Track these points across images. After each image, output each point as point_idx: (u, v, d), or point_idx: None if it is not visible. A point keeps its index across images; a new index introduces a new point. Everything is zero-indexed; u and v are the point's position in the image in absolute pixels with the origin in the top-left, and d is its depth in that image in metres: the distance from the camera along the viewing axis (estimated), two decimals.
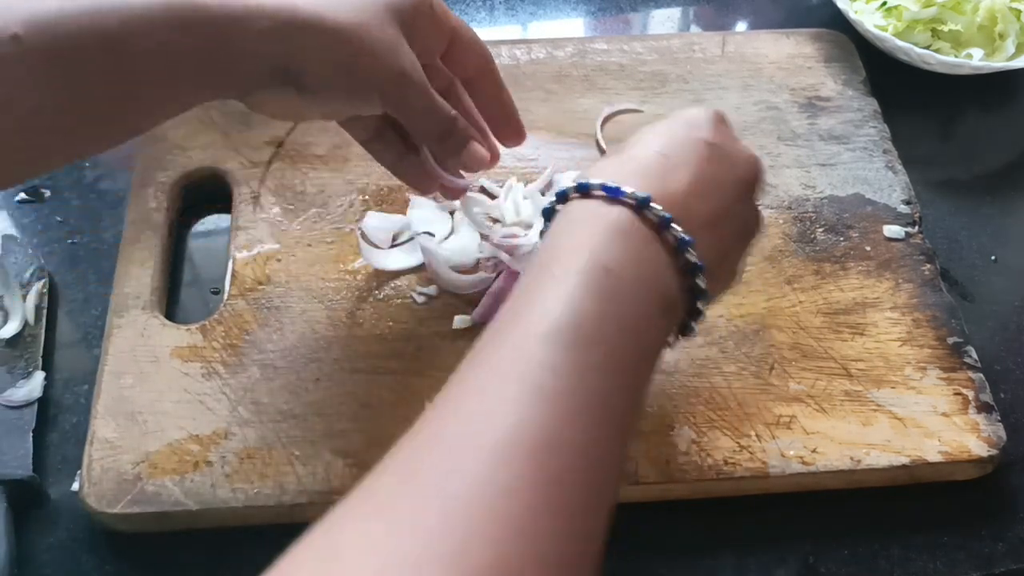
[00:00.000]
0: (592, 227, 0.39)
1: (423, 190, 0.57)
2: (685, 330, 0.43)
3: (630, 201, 0.39)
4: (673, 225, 0.39)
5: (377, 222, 0.60)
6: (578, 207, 0.40)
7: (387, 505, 0.32)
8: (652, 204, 0.39)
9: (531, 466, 0.31)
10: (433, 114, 0.48)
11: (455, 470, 0.31)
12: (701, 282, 0.40)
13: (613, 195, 0.39)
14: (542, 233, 0.43)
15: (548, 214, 0.42)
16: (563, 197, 0.41)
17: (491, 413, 0.33)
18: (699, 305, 0.41)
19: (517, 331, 0.36)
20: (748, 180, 0.45)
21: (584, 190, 0.40)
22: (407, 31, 0.46)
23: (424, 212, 0.61)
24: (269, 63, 0.44)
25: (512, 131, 0.55)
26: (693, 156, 0.42)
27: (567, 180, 0.59)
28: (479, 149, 0.51)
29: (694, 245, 0.39)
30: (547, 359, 0.34)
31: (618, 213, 0.39)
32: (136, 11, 0.41)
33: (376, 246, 0.60)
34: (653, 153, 0.42)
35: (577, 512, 0.32)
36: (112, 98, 0.42)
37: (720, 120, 0.45)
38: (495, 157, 0.53)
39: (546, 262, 0.38)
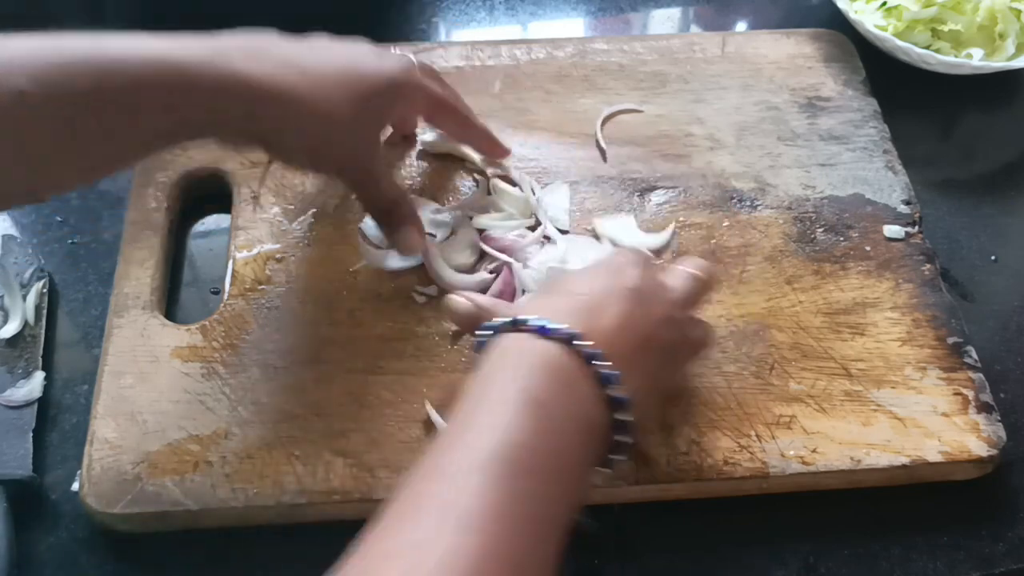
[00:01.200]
0: (525, 360, 0.41)
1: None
2: (607, 463, 0.44)
3: (560, 337, 0.41)
4: (600, 360, 0.41)
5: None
6: (511, 340, 0.42)
7: None
8: (580, 340, 0.41)
9: None
10: (377, 199, 0.55)
11: None
12: (625, 416, 0.42)
13: (544, 332, 0.41)
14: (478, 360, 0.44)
15: (481, 345, 0.44)
16: (496, 330, 0.43)
17: (425, 542, 0.34)
18: (623, 439, 0.43)
19: (454, 457, 0.37)
20: (673, 313, 0.47)
21: (518, 325, 0.42)
22: (382, 119, 0.53)
23: (423, 213, 0.61)
24: (246, 133, 0.50)
25: (498, 152, 0.63)
26: (618, 299, 0.45)
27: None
28: (412, 236, 0.56)
29: (619, 380, 0.41)
30: (478, 490, 0.36)
31: (548, 348, 0.41)
32: (136, 77, 0.45)
33: (376, 246, 0.60)
34: (581, 295, 0.45)
35: None
36: (103, 144, 0.46)
37: (644, 263, 0.48)
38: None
39: (481, 393, 0.40)
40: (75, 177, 0.48)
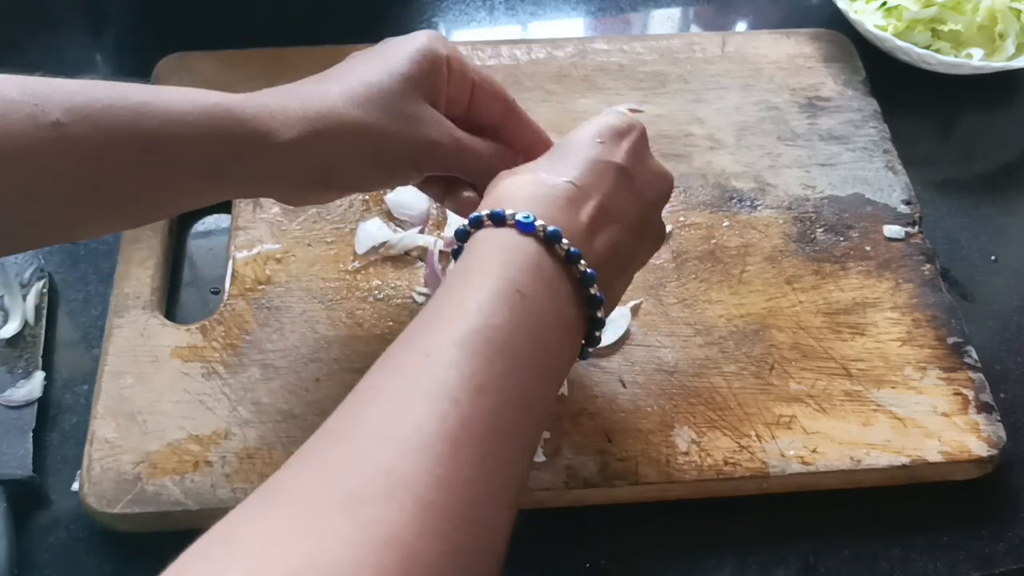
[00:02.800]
0: (506, 255, 0.40)
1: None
2: (582, 354, 0.45)
3: (540, 235, 0.40)
4: (579, 261, 0.41)
5: (374, 229, 0.61)
6: (491, 235, 0.41)
7: (287, 502, 0.32)
8: (562, 240, 0.41)
9: (435, 461, 0.32)
10: (469, 164, 0.50)
11: (361, 464, 0.32)
12: (600, 313, 0.43)
13: (525, 229, 0.41)
14: (455, 253, 0.44)
15: (462, 236, 0.43)
16: (477, 223, 0.42)
17: (399, 412, 0.34)
18: (597, 334, 0.43)
19: (429, 338, 0.37)
20: (654, 202, 0.47)
21: (498, 219, 0.41)
22: (432, 94, 0.48)
23: (401, 197, 0.62)
24: (301, 174, 0.46)
25: (540, 147, 0.54)
26: (602, 184, 0.44)
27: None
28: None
29: (596, 279, 0.41)
30: (456, 362, 0.36)
31: (529, 245, 0.40)
32: (175, 115, 0.42)
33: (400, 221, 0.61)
34: (564, 182, 0.43)
35: (480, 504, 0.33)
36: (145, 190, 0.44)
37: (637, 138, 0.47)
38: None
39: (460, 280, 0.40)
40: (113, 220, 0.47)
